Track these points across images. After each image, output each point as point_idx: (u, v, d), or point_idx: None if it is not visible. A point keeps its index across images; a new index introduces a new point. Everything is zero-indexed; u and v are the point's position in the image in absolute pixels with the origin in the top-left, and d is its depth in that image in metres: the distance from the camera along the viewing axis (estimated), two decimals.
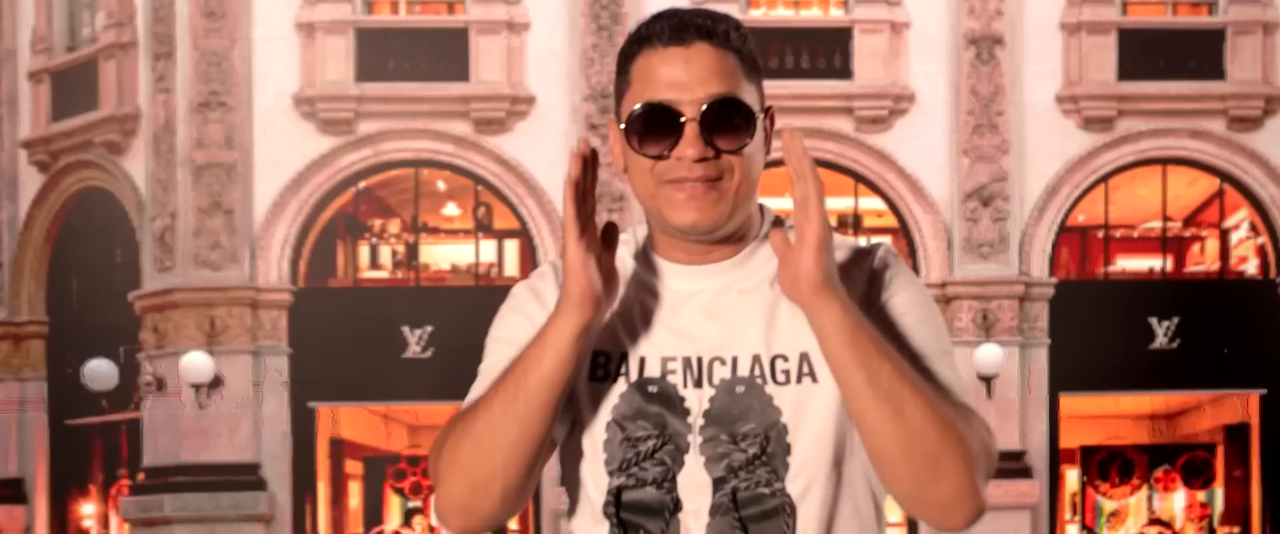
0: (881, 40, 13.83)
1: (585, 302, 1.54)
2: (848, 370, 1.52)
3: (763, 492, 1.58)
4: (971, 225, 13.86)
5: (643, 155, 1.57)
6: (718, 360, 1.60)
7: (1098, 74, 13.89)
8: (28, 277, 14.81)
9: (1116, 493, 14.95)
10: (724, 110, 1.55)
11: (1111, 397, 14.80)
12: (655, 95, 1.55)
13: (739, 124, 1.56)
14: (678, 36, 1.55)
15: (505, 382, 1.56)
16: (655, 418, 1.60)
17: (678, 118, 1.55)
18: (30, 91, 14.64)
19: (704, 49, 1.55)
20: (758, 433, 1.58)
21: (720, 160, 1.56)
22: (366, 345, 13.64)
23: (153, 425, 13.79)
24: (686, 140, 1.55)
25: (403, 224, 14.54)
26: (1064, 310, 13.94)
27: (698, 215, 1.57)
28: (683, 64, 1.55)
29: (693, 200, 1.56)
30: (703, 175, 1.56)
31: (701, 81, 1.55)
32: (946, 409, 1.55)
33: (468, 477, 1.56)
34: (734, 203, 1.58)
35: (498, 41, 13.68)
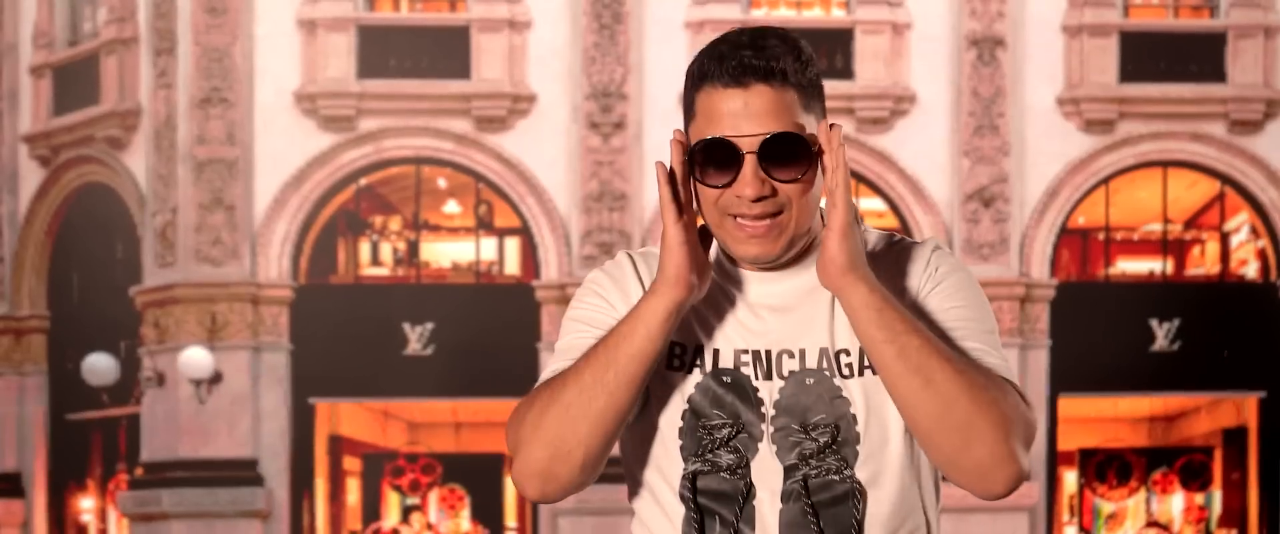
0: (883, 41, 13.83)
1: (681, 280, 1.62)
2: (878, 346, 1.61)
3: (832, 478, 1.67)
4: (972, 226, 13.87)
5: (707, 186, 1.66)
6: (786, 354, 1.69)
7: (1099, 76, 13.89)
8: (29, 271, 14.82)
9: (1114, 495, 14.94)
10: (780, 145, 1.63)
11: (1110, 399, 14.80)
12: (716, 132, 1.64)
13: (795, 158, 1.64)
14: (737, 78, 1.63)
15: (597, 354, 1.64)
16: (729, 407, 1.69)
17: (737, 152, 1.63)
18: (32, 86, 14.64)
19: (762, 90, 1.63)
20: (828, 423, 1.66)
21: (778, 197, 1.65)
22: (367, 342, 13.65)
23: (152, 420, 13.80)
24: (744, 179, 1.64)
25: (404, 221, 14.55)
26: (1064, 312, 13.94)
27: (759, 251, 1.67)
28: (742, 104, 1.63)
29: (754, 237, 1.66)
30: (762, 213, 1.65)
31: (759, 121, 1.63)
32: (977, 377, 1.61)
33: (552, 444, 1.63)
34: (794, 234, 1.68)
35: (499, 39, 13.68)
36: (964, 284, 1.73)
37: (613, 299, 1.73)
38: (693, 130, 1.67)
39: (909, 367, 1.59)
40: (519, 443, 1.66)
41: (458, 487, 14.31)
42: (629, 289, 1.73)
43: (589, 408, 1.62)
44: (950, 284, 1.71)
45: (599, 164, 13.63)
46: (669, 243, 1.63)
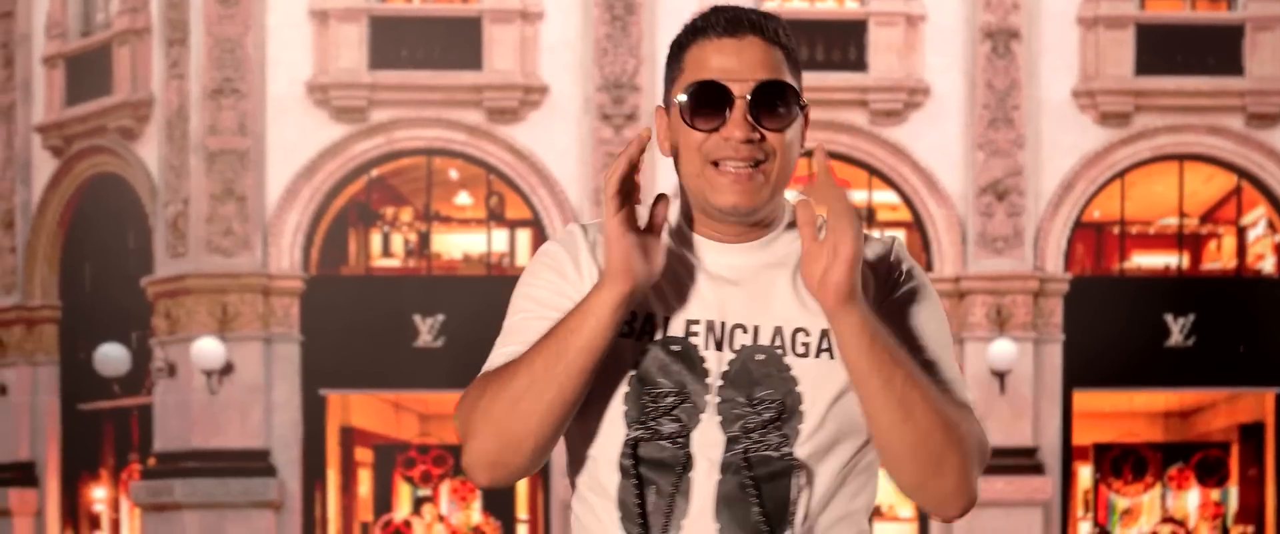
0: (897, 33, 13.75)
1: (625, 272, 1.63)
2: (864, 375, 1.63)
3: (772, 454, 1.68)
4: (986, 220, 13.79)
5: (694, 129, 1.68)
6: (740, 328, 1.70)
7: (1115, 69, 13.78)
8: (41, 261, 14.85)
9: (1130, 491, 14.87)
10: (771, 93, 1.68)
11: (1126, 393, 14.72)
12: (709, 77, 1.68)
13: (784, 107, 1.69)
14: (731, 29, 1.68)
15: (546, 344, 1.64)
16: (675, 376, 1.70)
17: (729, 95, 1.67)
18: (45, 76, 14.66)
19: (755, 41, 1.68)
20: (775, 399, 1.68)
21: (764, 143, 1.68)
22: (378, 333, 13.63)
23: (164, 411, 13.82)
24: (734, 120, 1.67)
25: (415, 212, 14.53)
26: (1078, 306, 13.86)
27: (739, 198, 1.68)
28: (735, 53, 1.68)
29: (737, 184, 1.68)
30: (748, 156, 1.68)
31: (751, 69, 1.68)
32: (951, 411, 1.67)
33: (501, 434, 1.65)
34: (773, 188, 1.70)
35: (511, 30, 13.64)
36: (929, 294, 1.75)
37: (566, 271, 1.74)
38: (680, 85, 1.70)
39: (893, 399, 1.63)
40: (469, 431, 1.68)
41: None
42: (581, 261, 1.74)
43: (539, 400, 1.64)
44: (916, 294, 1.73)
45: (611, 155, 13.58)
46: (610, 235, 1.63)
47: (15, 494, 14.96)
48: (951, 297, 13.82)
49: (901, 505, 14.62)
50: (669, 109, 1.72)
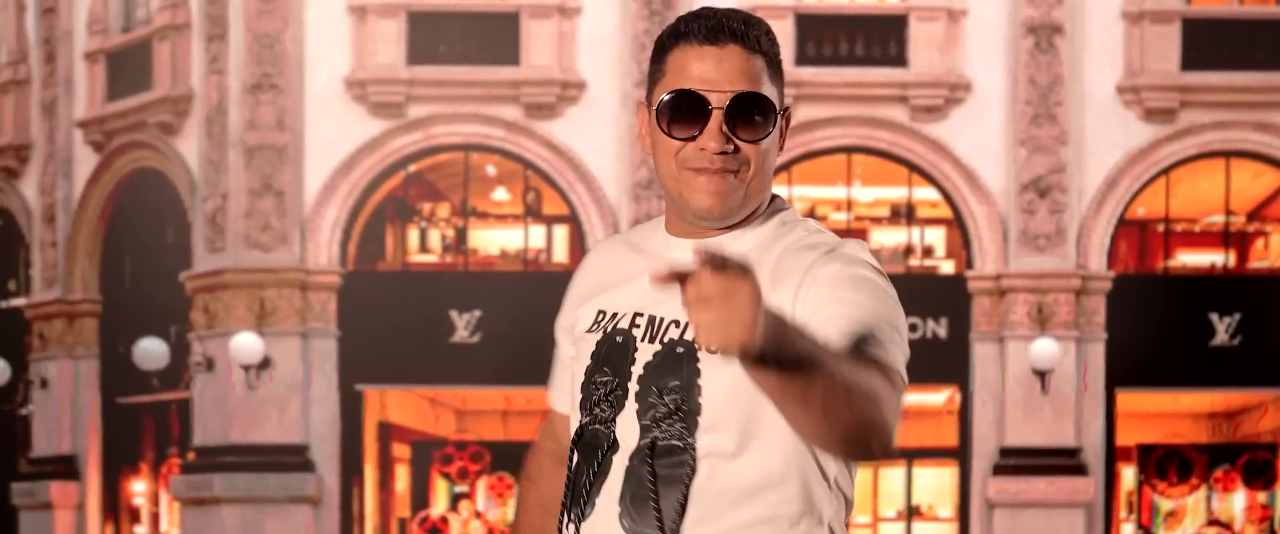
0: (938, 28, 13.61)
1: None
2: (782, 407, 1.60)
3: (676, 444, 1.74)
4: (1028, 217, 13.63)
5: (671, 138, 1.73)
6: (674, 323, 1.76)
7: (1160, 64, 13.59)
8: (82, 256, 14.95)
9: (1174, 492, 14.70)
10: (747, 104, 1.71)
11: (1170, 394, 14.55)
12: (687, 86, 1.71)
13: (759, 119, 1.72)
14: (713, 37, 1.70)
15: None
16: (614, 365, 1.79)
17: (706, 106, 1.71)
18: (86, 72, 14.76)
19: (735, 50, 1.71)
20: (676, 390, 1.74)
21: (739, 154, 1.72)
22: (414, 329, 13.63)
23: (202, 405, 13.88)
24: (710, 131, 1.71)
25: (452, 208, 14.52)
26: (1122, 305, 13.69)
27: (713, 201, 1.73)
28: (715, 62, 1.70)
29: (711, 186, 1.73)
30: (722, 167, 1.72)
31: (730, 79, 1.70)
32: (871, 401, 1.60)
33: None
34: (748, 193, 1.74)
35: (549, 26, 13.60)
36: (846, 261, 1.71)
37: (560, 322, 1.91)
38: (661, 87, 1.74)
39: (812, 413, 1.58)
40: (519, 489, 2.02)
41: (506, 475, 14.27)
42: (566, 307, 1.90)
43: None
44: (835, 272, 1.70)
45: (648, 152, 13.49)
46: None
47: (57, 487, 15.07)
48: (992, 294, 13.68)
49: (940, 505, 14.49)
50: (650, 107, 1.76)
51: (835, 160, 14.00)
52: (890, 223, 14.49)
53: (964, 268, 13.90)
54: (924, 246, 14.45)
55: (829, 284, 1.70)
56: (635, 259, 1.84)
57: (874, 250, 1.84)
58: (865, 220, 14.56)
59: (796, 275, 1.72)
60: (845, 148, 13.87)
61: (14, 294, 16.12)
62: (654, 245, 1.83)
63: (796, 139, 13.61)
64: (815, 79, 13.54)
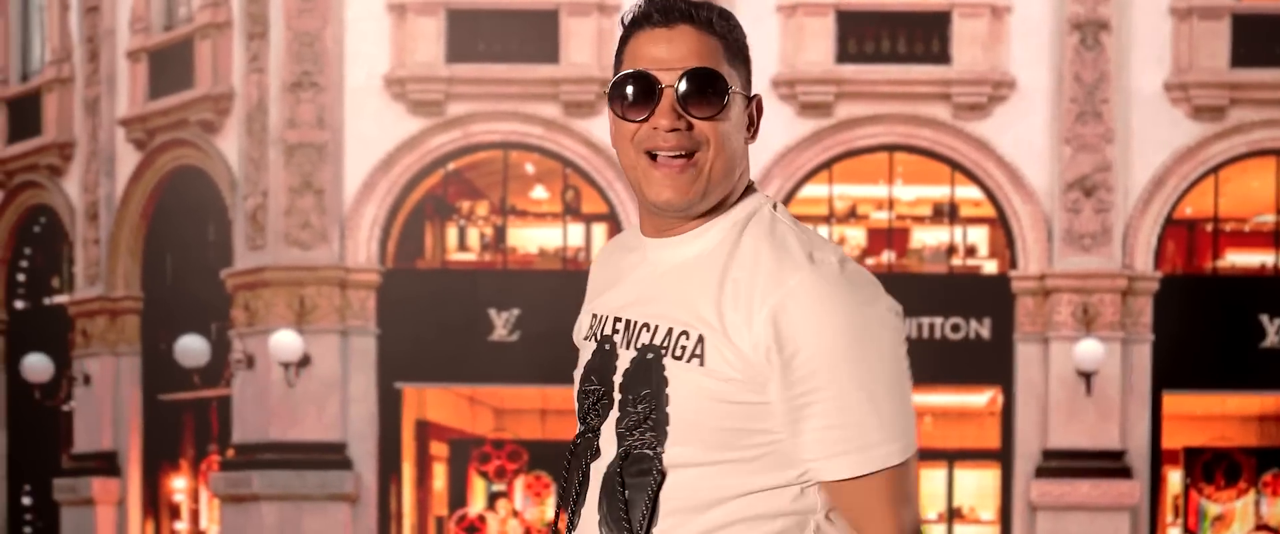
0: (981, 24, 13.46)
1: None
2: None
3: (646, 453, 1.71)
4: (1073, 216, 13.46)
5: (624, 121, 1.70)
6: (645, 327, 1.74)
7: (1209, 61, 13.38)
8: (124, 253, 15.03)
9: (1222, 496, 14.50)
10: (697, 80, 1.68)
11: (1218, 396, 14.34)
12: (638, 67, 1.70)
13: (712, 94, 1.68)
14: (665, 19, 1.70)
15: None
16: (600, 373, 1.78)
17: (655, 85, 1.68)
18: (128, 70, 14.84)
19: (687, 30, 1.69)
20: (649, 398, 1.70)
21: (694, 132, 1.68)
22: (453, 327, 13.62)
23: (242, 402, 13.92)
24: (661, 110, 1.68)
25: (491, 206, 14.50)
26: (1169, 306, 13.51)
27: (673, 193, 1.69)
28: (666, 42, 1.69)
29: (668, 178, 1.69)
30: (676, 145, 1.68)
31: (681, 58, 1.69)
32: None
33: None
34: (709, 179, 1.69)
35: (588, 23, 13.55)
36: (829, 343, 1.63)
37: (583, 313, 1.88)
38: (618, 70, 1.73)
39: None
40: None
41: (544, 474, 14.24)
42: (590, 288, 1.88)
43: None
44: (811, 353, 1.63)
45: None
46: None
47: (98, 483, 15.17)
48: (1036, 295, 13.52)
49: (982, 508, 14.34)
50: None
51: (877, 159, 13.87)
52: (933, 222, 14.34)
53: (1007, 268, 13.74)
54: (967, 246, 14.29)
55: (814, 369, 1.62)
56: (624, 259, 1.82)
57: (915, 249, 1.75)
58: (907, 219, 14.43)
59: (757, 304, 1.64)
60: (887, 146, 13.75)
61: (57, 291, 16.24)
62: (637, 245, 1.81)
63: (838, 137, 13.49)
64: (857, 76, 13.42)
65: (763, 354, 1.62)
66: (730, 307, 1.65)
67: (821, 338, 1.61)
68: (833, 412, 1.62)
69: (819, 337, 1.61)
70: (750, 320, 1.64)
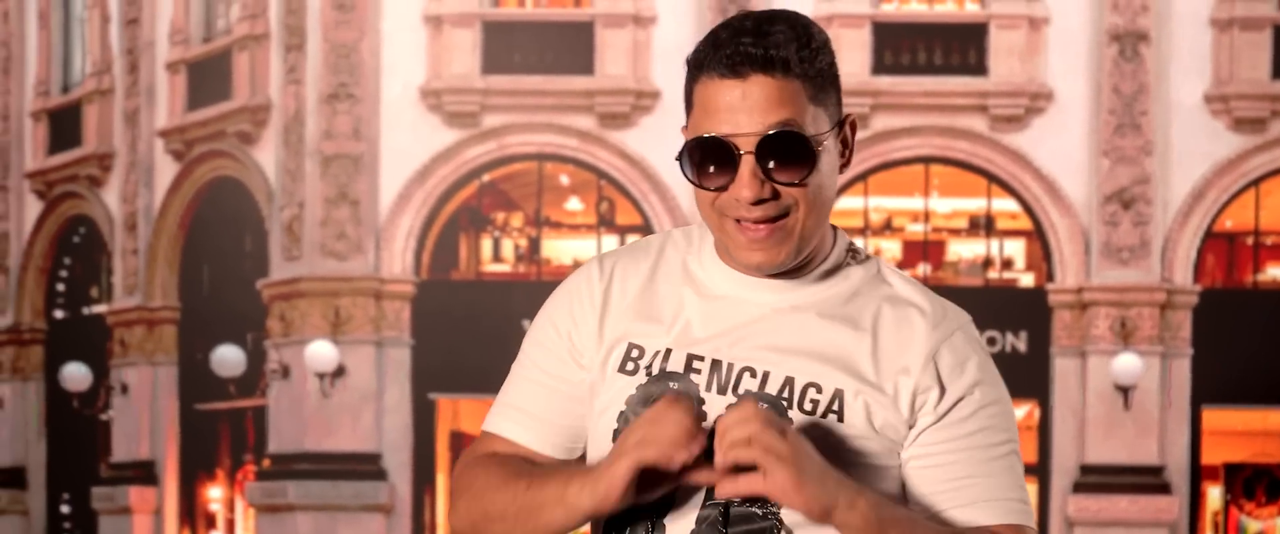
0: (1019, 36, 13.39)
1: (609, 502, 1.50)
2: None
3: (755, 512, 1.53)
4: (1111, 229, 13.37)
5: (702, 189, 1.53)
6: (748, 372, 1.54)
7: (1250, 72, 13.28)
8: (162, 263, 15.15)
9: (1262, 513, 14.38)
10: (781, 143, 1.49)
11: (1259, 411, 14.20)
12: (711, 127, 1.50)
13: (798, 157, 1.50)
14: (733, 69, 1.49)
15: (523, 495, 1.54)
16: None
17: (733, 151, 1.50)
18: (167, 82, 14.97)
19: (762, 81, 1.49)
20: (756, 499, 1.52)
21: (781, 200, 1.51)
22: (487, 338, 13.63)
23: (278, 413, 13.99)
24: (742, 179, 1.50)
25: (526, 218, 14.53)
26: (1208, 320, 13.39)
27: (763, 257, 1.53)
28: (740, 97, 1.49)
29: (756, 243, 1.52)
30: (762, 216, 1.51)
31: (759, 116, 1.49)
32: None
33: (475, 528, 1.60)
34: (801, 237, 1.53)
35: (623, 35, 13.57)
36: (983, 398, 1.54)
37: (564, 330, 1.61)
38: (691, 125, 1.53)
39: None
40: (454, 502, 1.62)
41: None
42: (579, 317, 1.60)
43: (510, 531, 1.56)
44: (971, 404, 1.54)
45: None
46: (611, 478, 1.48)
47: (135, 492, 15.27)
48: (1073, 308, 13.42)
49: None
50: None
51: (913, 170, 13.81)
52: (969, 234, 14.27)
53: (1045, 281, 13.65)
54: (1003, 259, 14.21)
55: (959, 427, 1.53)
56: (676, 284, 1.59)
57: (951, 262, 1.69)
58: (943, 232, 14.37)
59: (918, 366, 1.53)
60: (923, 158, 13.69)
61: (96, 301, 16.39)
62: (708, 276, 1.59)
63: (874, 149, 13.44)
64: (893, 88, 13.38)
65: (907, 408, 1.52)
66: (875, 360, 1.52)
67: (977, 391, 1.54)
68: (979, 462, 1.54)
69: (976, 389, 1.54)
70: (905, 373, 1.52)
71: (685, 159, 1.51)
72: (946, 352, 1.54)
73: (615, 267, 1.61)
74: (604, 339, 1.58)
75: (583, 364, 1.59)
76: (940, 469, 1.53)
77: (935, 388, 1.53)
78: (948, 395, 1.53)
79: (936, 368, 1.53)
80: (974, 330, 1.57)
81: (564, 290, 1.63)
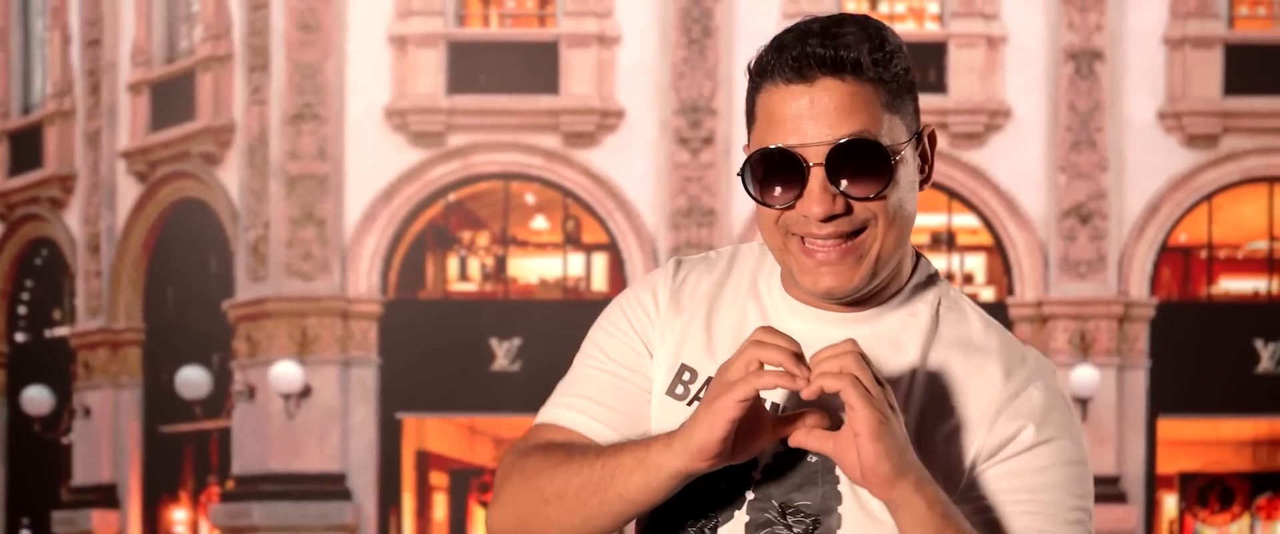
0: (978, 55, 13.62)
1: (704, 455, 1.33)
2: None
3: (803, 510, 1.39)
4: (1068, 244, 13.59)
5: (765, 206, 1.38)
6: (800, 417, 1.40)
7: (1202, 89, 13.56)
8: (125, 285, 15.06)
9: (1217, 520, 14.60)
10: (854, 153, 1.34)
11: (1213, 421, 14.44)
12: (776, 138, 1.35)
13: (874, 168, 1.35)
14: (800, 72, 1.34)
15: (592, 467, 1.38)
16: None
17: (801, 164, 1.35)
18: (129, 103, 14.91)
19: (830, 85, 1.34)
20: (810, 513, 1.39)
21: (854, 215, 1.36)
22: (454, 357, 13.67)
23: (243, 434, 13.94)
24: (811, 194, 1.35)
25: (492, 237, 14.58)
26: (1164, 332, 13.63)
27: (834, 281, 1.37)
28: (807, 103, 1.35)
29: (827, 266, 1.37)
30: (834, 233, 1.36)
31: (829, 124, 1.34)
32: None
33: (523, 522, 1.43)
34: (878, 259, 1.38)
35: (588, 55, 13.67)
36: (1062, 454, 1.38)
37: (639, 326, 1.46)
38: (753, 139, 1.39)
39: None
40: (499, 491, 1.46)
41: None
42: (660, 301, 1.47)
43: (565, 517, 1.40)
44: (1043, 454, 1.38)
45: (687, 180, 13.55)
46: (715, 414, 1.31)
47: (98, 516, 15.14)
48: (1033, 321, 13.63)
49: None
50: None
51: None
52: (930, 250, 14.45)
53: (1004, 295, 13.85)
54: (964, 273, 14.41)
55: (1031, 472, 1.37)
56: (748, 307, 1.45)
57: None
58: None
59: (985, 422, 1.38)
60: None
61: (58, 323, 16.26)
62: (773, 301, 1.45)
63: None
64: None
65: (966, 470, 1.38)
66: (938, 412, 1.38)
67: (1050, 445, 1.38)
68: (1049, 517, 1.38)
69: (1049, 443, 1.38)
70: (974, 426, 1.38)
71: (747, 174, 1.37)
72: (1020, 404, 1.38)
73: (689, 274, 1.48)
74: (663, 349, 1.45)
75: (651, 364, 1.45)
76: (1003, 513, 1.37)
77: (999, 442, 1.37)
78: (1015, 442, 1.37)
79: (1004, 424, 1.37)
80: (1055, 382, 1.41)
81: (640, 285, 1.51)
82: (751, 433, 1.33)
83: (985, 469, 1.37)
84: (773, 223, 1.38)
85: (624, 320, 1.47)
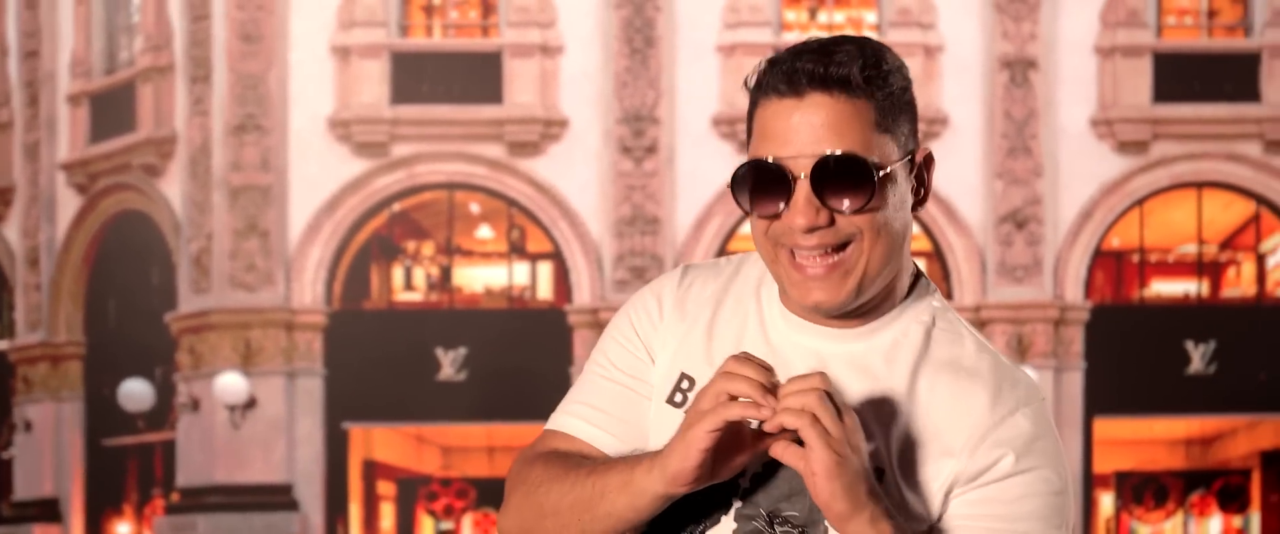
0: (915, 64, 13.81)
1: (680, 482, 1.36)
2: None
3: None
4: (1005, 249, 13.81)
5: (756, 217, 1.41)
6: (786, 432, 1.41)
7: (1132, 97, 13.84)
8: (66, 298, 14.93)
9: (1151, 518, 14.84)
10: (839, 168, 1.36)
11: (1146, 421, 14.70)
12: (766, 150, 1.38)
13: (858, 184, 1.37)
14: (792, 87, 1.37)
15: (582, 485, 1.41)
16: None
17: (787, 177, 1.37)
18: (69, 114, 14.78)
19: (820, 100, 1.37)
20: (797, 523, 1.40)
21: (838, 227, 1.38)
22: (400, 367, 13.68)
23: (187, 446, 13.87)
24: (795, 205, 1.37)
25: (436, 246, 14.60)
26: (1098, 334, 13.86)
27: (822, 296, 1.39)
28: (797, 118, 1.37)
29: (815, 280, 1.39)
30: (818, 245, 1.38)
31: (815, 138, 1.36)
32: None
33: (527, 528, 1.48)
34: (864, 275, 1.39)
35: (531, 65, 13.74)
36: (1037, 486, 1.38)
37: (644, 332, 1.49)
38: (749, 152, 1.42)
39: None
40: (507, 500, 1.50)
41: (491, 511, 14.31)
42: (665, 307, 1.50)
43: (561, 532, 1.44)
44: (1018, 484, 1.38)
45: (631, 188, 13.65)
46: (688, 444, 1.34)
47: (40, 530, 15.00)
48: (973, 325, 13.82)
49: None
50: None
51: None
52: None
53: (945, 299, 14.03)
54: None
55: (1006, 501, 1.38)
56: (750, 315, 1.47)
57: None
58: None
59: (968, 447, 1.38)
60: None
61: None
62: (770, 312, 1.47)
63: None
64: None
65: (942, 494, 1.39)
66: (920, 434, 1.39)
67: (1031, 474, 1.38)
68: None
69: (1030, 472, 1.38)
70: (949, 454, 1.39)
71: (737, 185, 1.39)
72: (1004, 431, 1.39)
73: (695, 281, 1.50)
74: (664, 355, 1.48)
75: (654, 371, 1.49)
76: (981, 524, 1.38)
77: (978, 469, 1.38)
78: (994, 469, 1.38)
79: (986, 451, 1.38)
80: (1045, 410, 1.42)
81: (646, 290, 1.53)
82: (733, 450, 1.36)
83: (960, 495, 1.38)
84: (763, 234, 1.41)
85: (629, 327, 1.50)
